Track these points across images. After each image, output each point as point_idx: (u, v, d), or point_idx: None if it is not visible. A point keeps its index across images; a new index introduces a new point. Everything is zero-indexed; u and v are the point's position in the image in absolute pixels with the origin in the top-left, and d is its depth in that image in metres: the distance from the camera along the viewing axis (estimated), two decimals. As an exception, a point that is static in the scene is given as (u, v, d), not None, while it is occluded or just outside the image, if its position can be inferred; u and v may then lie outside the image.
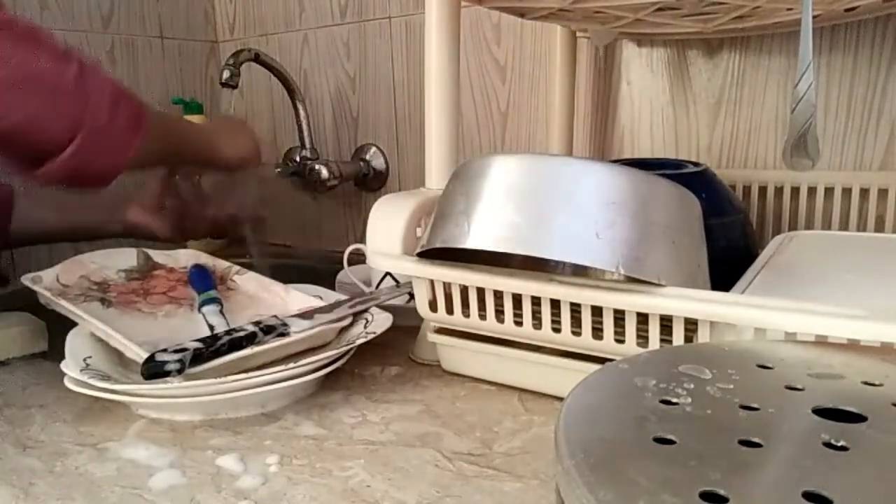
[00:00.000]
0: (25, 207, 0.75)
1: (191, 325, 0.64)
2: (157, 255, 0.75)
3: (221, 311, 0.65)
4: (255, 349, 0.53)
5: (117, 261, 0.73)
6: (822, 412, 0.24)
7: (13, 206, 0.74)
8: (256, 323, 0.56)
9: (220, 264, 0.74)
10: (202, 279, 0.70)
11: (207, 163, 0.74)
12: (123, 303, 0.66)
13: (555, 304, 0.48)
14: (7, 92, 0.51)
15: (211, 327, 0.62)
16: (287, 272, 1.05)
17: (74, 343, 0.57)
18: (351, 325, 0.61)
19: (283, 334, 0.56)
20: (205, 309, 0.65)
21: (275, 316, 0.58)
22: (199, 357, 0.50)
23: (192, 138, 0.72)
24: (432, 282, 0.55)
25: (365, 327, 0.59)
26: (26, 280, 0.66)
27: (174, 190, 0.78)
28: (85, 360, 0.54)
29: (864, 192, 0.69)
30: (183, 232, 0.79)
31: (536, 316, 0.50)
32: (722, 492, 0.19)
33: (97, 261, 0.71)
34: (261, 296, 0.69)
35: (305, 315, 0.59)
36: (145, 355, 0.51)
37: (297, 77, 1.07)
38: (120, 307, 0.65)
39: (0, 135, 0.52)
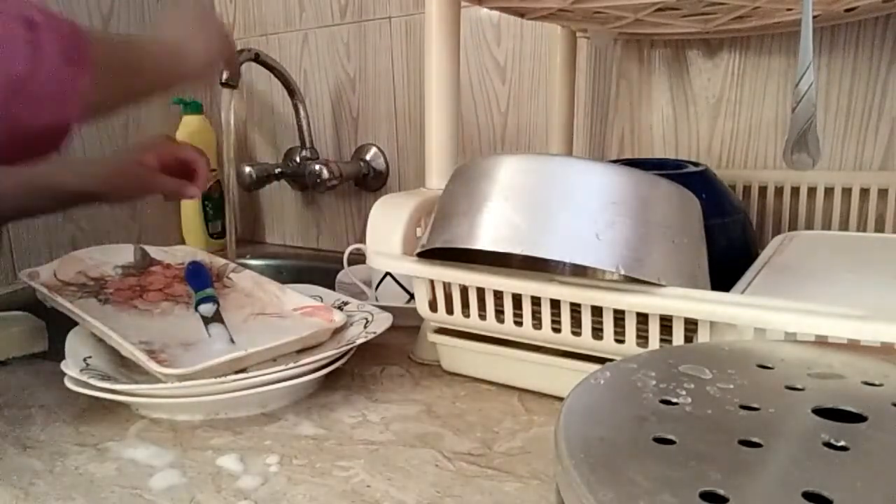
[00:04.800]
0: None
1: (187, 323, 0.63)
2: (154, 251, 0.75)
3: (218, 311, 0.65)
4: (250, 350, 0.53)
5: (114, 256, 0.72)
6: (822, 412, 0.24)
7: None
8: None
9: (216, 261, 0.74)
10: (199, 277, 0.70)
11: (171, 84, 0.58)
12: (120, 300, 0.66)
13: (555, 304, 0.48)
14: None
15: (208, 330, 0.62)
16: (287, 272, 1.06)
17: (74, 343, 0.57)
18: (351, 324, 0.61)
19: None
20: (201, 308, 0.65)
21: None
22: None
23: (148, 57, 0.54)
24: (432, 282, 0.55)
25: (365, 327, 0.59)
26: (23, 276, 0.66)
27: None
28: (85, 359, 0.54)
29: (864, 192, 0.69)
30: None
31: (536, 316, 0.50)
32: (722, 492, 0.19)
33: (94, 256, 0.71)
34: (256, 294, 0.69)
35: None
36: (140, 355, 0.51)
37: (297, 77, 1.07)
38: (116, 304, 0.65)
39: None
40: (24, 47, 0.39)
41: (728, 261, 0.56)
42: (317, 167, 1.00)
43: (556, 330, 0.49)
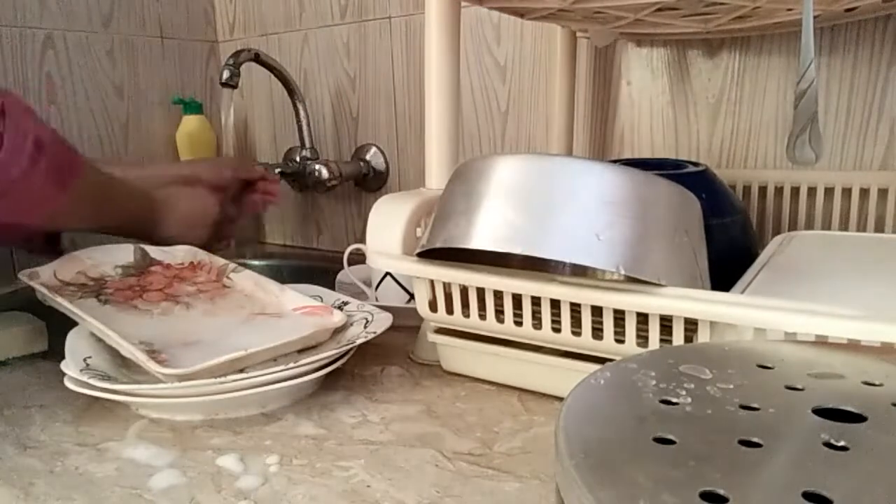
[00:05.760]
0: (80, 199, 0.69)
1: (187, 323, 0.63)
2: (154, 251, 0.75)
3: None
4: (250, 350, 0.53)
5: (114, 256, 0.72)
6: (822, 412, 0.24)
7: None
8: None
9: (216, 261, 0.74)
10: None
11: (144, 237, 0.73)
12: (120, 300, 0.66)
13: (555, 304, 0.48)
14: None
15: None
16: (287, 272, 1.06)
17: (74, 343, 0.57)
18: (351, 324, 0.61)
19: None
20: None
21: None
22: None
23: (130, 205, 0.70)
24: (432, 282, 0.55)
25: (365, 327, 0.59)
26: (23, 276, 0.66)
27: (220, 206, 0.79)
28: (85, 359, 0.54)
29: (864, 192, 0.69)
30: (216, 241, 0.80)
31: (536, 316, 0.50)
32: (722, 492, 0.19)
33: (94, 256, 0.71)
34: (256, 294, 0.69)
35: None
36: (140, 355, 0.51)
37: (297, 77, 1.07)
38: (116, 304, 0.65)
39: None
40: (27, 161, 0.50)
41: (728, 261, 0.56)
42: (317, 167, 1.01)
43: (556, 330, 0.49)
